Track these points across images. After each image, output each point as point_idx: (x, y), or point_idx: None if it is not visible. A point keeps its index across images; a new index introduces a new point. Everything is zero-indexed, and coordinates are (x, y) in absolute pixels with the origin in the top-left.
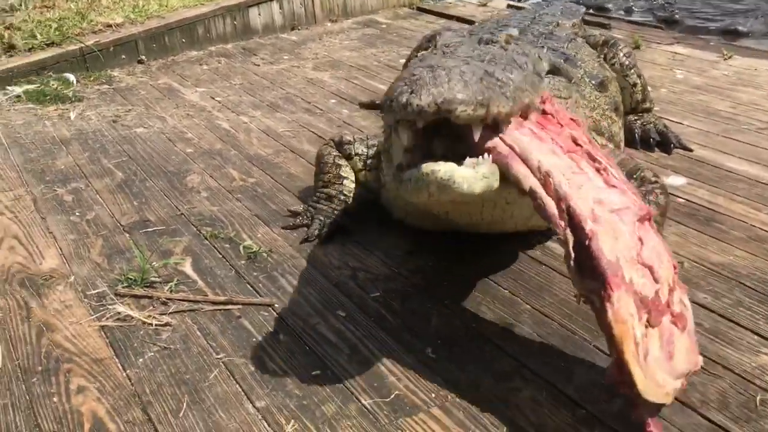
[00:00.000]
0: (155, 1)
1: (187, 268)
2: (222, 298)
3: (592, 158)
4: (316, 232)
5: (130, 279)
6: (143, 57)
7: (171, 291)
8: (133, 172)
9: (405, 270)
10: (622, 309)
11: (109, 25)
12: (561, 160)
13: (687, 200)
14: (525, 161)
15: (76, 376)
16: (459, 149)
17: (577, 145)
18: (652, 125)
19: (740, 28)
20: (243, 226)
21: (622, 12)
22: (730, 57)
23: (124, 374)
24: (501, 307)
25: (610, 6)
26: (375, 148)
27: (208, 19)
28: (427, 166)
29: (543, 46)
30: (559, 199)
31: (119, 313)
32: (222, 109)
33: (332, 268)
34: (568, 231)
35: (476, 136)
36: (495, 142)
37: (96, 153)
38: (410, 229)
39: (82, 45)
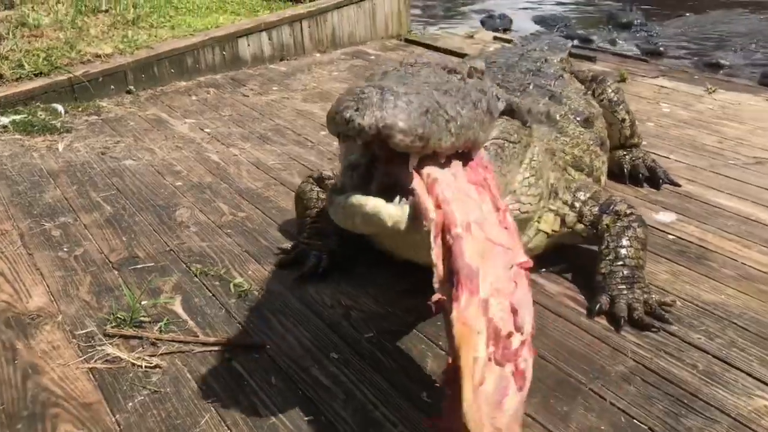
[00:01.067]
0: (144, 32)
1: (177, 307)
2: (212, 339)
3: (496, 201)
4: (312, 269)
5: (120, 318)
6: (132, 87)
7: (161, 331)
8: (122, 206)
9: (399, 309)
10: (469, 313)
11: (98, 56)
12: (465, 192)
13: (677, 237)
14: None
15: (64, 422)
16: (396, 172)
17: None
18: (641, 160)
19: (721, 61)
20: (233, 263)
21: (607, 44)
22: (714, 91)
23: (113, 419)
24: None
25: (594, 38)
26: None
27: (198, 49)
28: (357, 199)
29: (530, 84)
30: (438, 204)
31: (108, 354)
32: (211, 140)
33: (325, 307)
34: (437, 237)
35: (411, 165)
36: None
37: (84, 186)
38: (403, 267)
39: (71, 75)
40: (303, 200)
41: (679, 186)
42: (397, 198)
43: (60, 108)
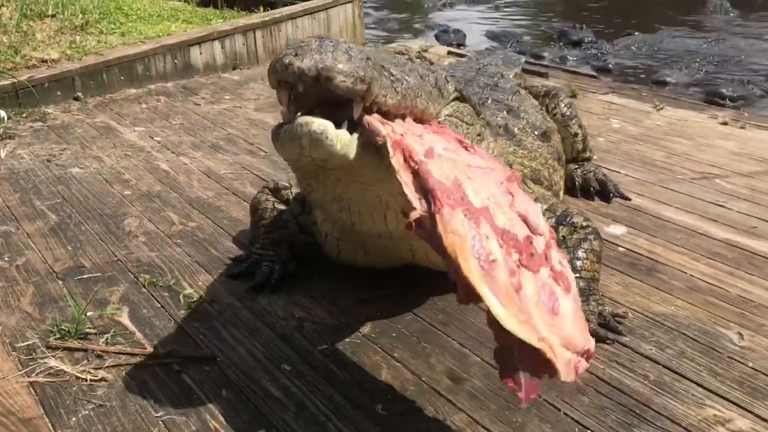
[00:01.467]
0: (93, 38)
1: (124, 318)
2: (161, 352)
3: (463, 142)
4: (265, 279)
5: (64, 330)
6: (80, 94)
7: (107, 343)
8: (67, 214)
9: (353, 320)
10: (455, 222)
11: (45, 61)
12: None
13: (628, 250)
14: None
15: None
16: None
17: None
18: (592, 174)
19: (667, 78)
20: (183, 274)
21: (558, 60)
22: (662, 108)
23: None
24: (451, 359)
25: (545, 54)
26: None
27: (148, 57)
28: (303, 118)
29: (488, 98)
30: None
31: (51, 367)
32: (161, 149)
33: (277, 318)
34: (403, 166)
35: (356, 113)
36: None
37: (28, 194)
38: (358, 278)
39: (15, 80)
40: (258, 210)
41: (629, 200)
42: (346, 123)
43: (3, 114)
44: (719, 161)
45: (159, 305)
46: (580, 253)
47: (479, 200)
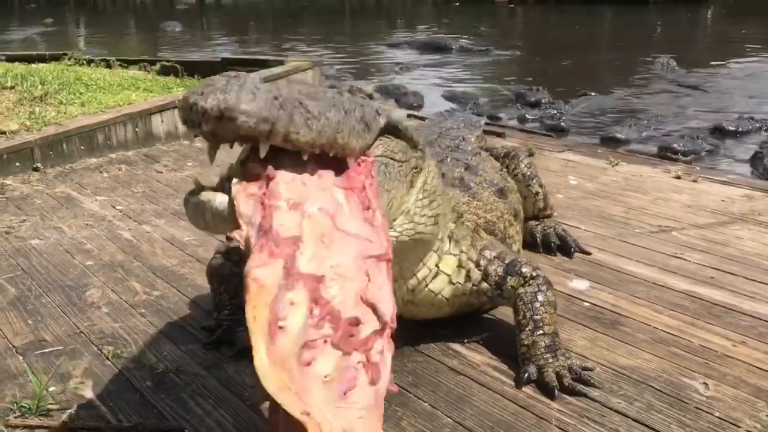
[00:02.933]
0: (53, 108)
1: (88, 392)
2: (126, 425)
3: (368, 203)
4: (245, 344)
5: (24, 407)
6: (39, 164)
7: (70, 419)
8: (27, 287)
9: None
10: (263, 272)
11: (3, 132)
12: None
13: (592, 304)
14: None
15: None
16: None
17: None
18: (552, 230)
19: (618, 135)
20: (148, 344)
21: (515, 120)
22: (617, 164)
23: None
24: (422, 421)
25: (502, 115)
26: None
27: (109, 126)
28: (206, 194)
29: (448, 157)
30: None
31: None
32: (123, 218)
33: (246, 387)
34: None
35: (262, 153)
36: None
37: None
38: None
39: None
40: (215, 277)
41: (590, 254)
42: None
43: None
44: (675, 214)
45: (124, 377)
46: (539, 308)
47: (312, 266)
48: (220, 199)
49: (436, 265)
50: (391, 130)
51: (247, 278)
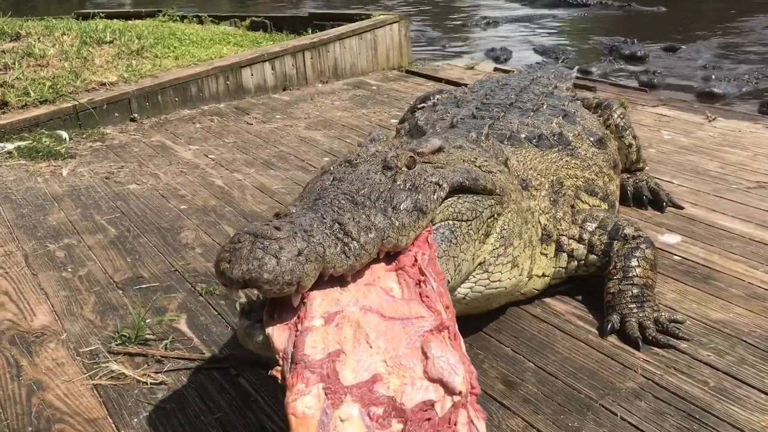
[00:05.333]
0: (149, 61)
1: (183, 325)
2: (219, 356)
3: (417, 275)
4: None
5: (124, 336)
6: (136, 115)
7: (166, 349)
8: (126, 228)
9: None
10: (301, 403)
11: (103, 84)
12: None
13: (683, 258)
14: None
15: None
16: None
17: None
18: (644, 183)
19: (716, 90)
20: None
21: (610, 74)
22: (714, 119)
23: None
24: (504, 365)
25: (593, 69)
26: None
27: (201, 78)
28: (250, 327)
29: (543, 103)
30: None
31: (113, 371)
32: (216, 166)
33: None
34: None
35: (294, 303)
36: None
37: (88, 209)
38: None
39: (76, 103)
40: None
41: (683, 208)
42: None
43: (64, 134)
44: None
45: (216, 313)
46: (633, 262)
47: (359, 374)
48: (258, 333)
49: (528, 272)
50: (459, 189)
51: (287, 414)
